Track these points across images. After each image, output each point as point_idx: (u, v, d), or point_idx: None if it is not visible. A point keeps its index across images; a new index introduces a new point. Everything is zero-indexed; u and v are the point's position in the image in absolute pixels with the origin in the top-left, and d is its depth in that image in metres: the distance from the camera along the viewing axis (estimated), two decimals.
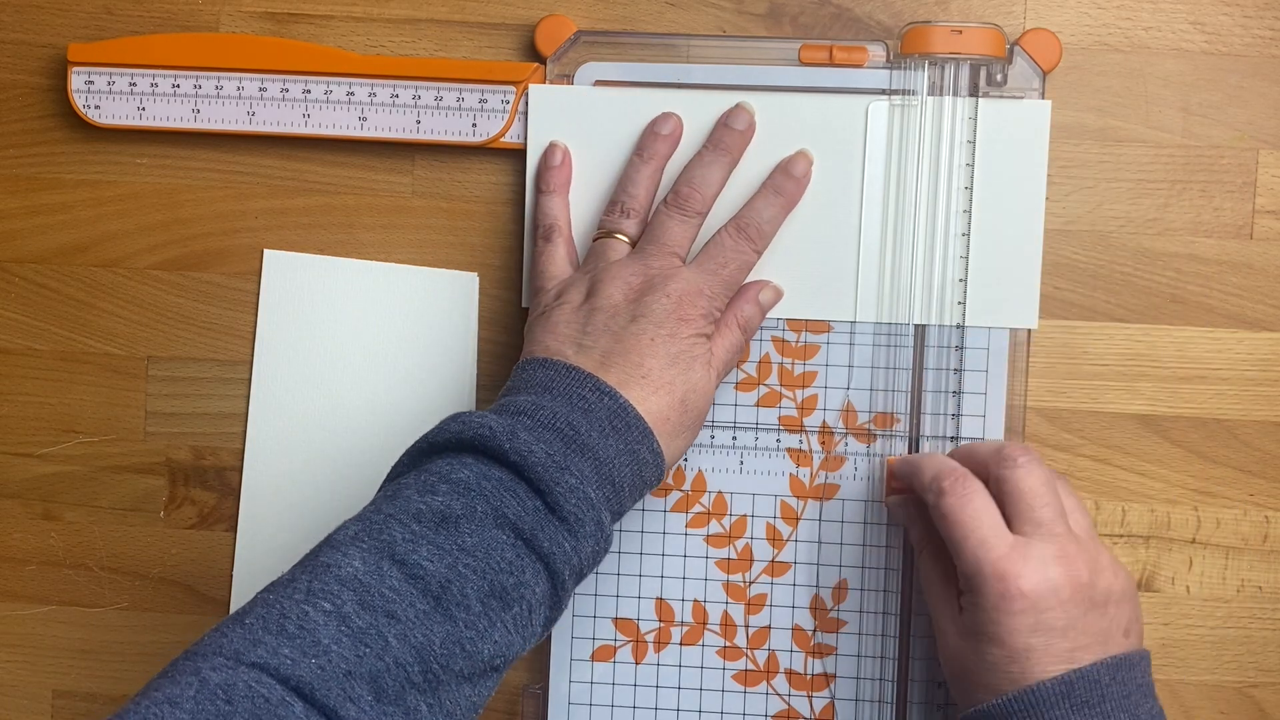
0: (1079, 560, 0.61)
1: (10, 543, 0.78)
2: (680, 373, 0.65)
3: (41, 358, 0.77)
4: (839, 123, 0.71)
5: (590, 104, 0.71)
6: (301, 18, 0.75)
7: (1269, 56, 0.71)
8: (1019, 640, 0.60)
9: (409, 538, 0.57)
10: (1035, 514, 0.62)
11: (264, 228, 0.76)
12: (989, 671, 0.61)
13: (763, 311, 0.70)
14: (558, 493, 0.59)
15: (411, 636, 0.55)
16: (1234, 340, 0.72)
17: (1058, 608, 0.60)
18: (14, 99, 0.77)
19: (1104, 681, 0.60)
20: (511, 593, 0.58)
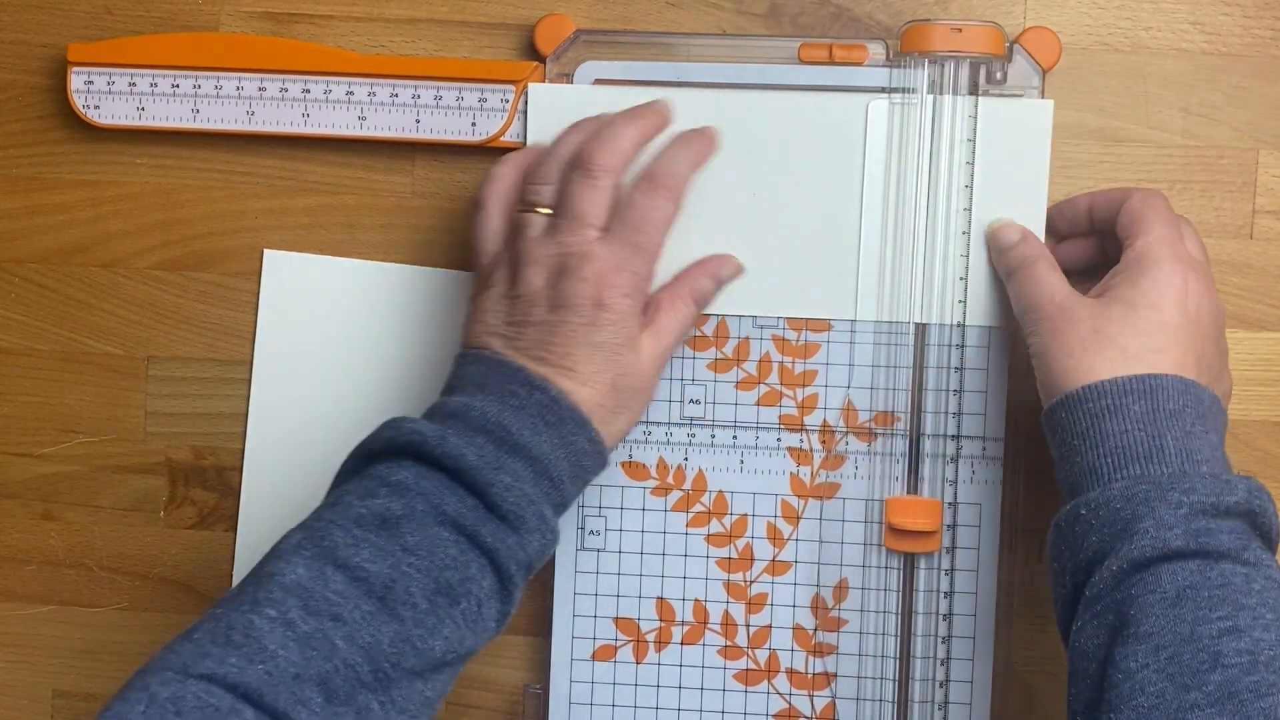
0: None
1: (10, 543, 0.78)
2: (607, 359, 0.64)
3: (41, 358, 0.77)
4: (839, 121, 0.71)
5: (590, 102, 0.71)
6: (301, 18, 0.75)
7: (1269, 56, 0.71)
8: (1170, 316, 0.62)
9: (350, 541, 0.57)
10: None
11: (264, 228, 0.76)
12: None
13: (719, 285, 0.70)
14: (494, 493, 0.59)
15: (358, 637, 0.56)
16: (1234, 340, 0.72)
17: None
18: (14, 99, 0.77)
19: (1205, 398, 0.61)
20: (458, 588, 0.58)
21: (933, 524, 0.71)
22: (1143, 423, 0.59)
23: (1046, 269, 0.66)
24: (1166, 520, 0.57)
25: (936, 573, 0.71)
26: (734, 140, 0.71)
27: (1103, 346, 0.62)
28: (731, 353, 0.73)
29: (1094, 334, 0.62)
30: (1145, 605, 0.56)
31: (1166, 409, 0.60)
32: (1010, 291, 0.67)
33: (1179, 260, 0.63)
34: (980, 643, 0.72)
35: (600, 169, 0.65)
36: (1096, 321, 0.62)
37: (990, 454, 0.71)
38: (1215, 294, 0.64)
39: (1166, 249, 0.63)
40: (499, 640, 0.74)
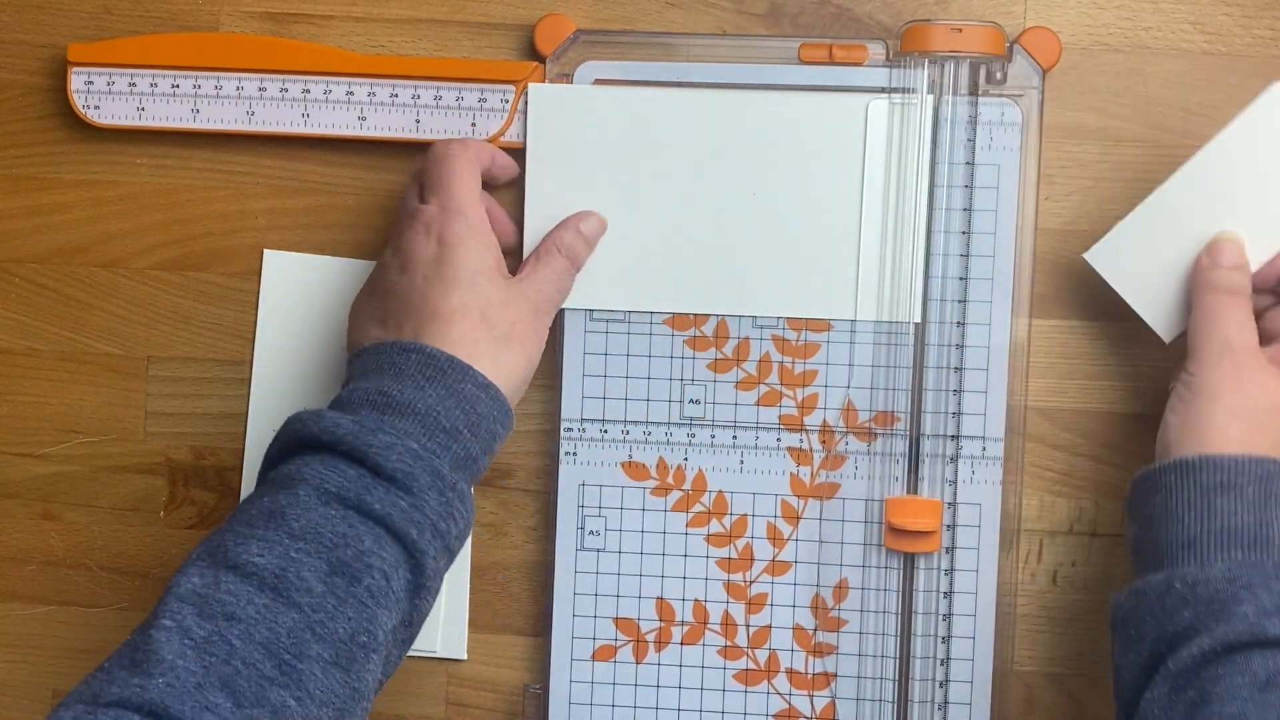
0: None
1: (10, 543, 0.78)
2: (466, 290, 0.64)
3: (41, 358, 0.77)
4: (839, 121, 0.71)
5: (590, 102, 0.71)
6: (301, 18, 0.75)
7: (1269, 56, 0.71)
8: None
9: (238, 540, 0.57)
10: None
11: (264, 228, 0.76)
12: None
13: (586, 240, 0.71)
14: (373, 455, 0.59)
15: (255, 634, 0.55)
16: None
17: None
18: (14, 99, 0.77)
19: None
20: (355, 564, 0.57)
21: (933, 524, 0.71)
22: (1254, 506, 0.59)
23: (1246, 312, 0.64)
24: (1267, 608, 0.57)
25: (936, 573, 0.71)
26: (734, 140, 0.71)
27: (1272, 426, 0.61)
28: (731, 353, 0.73)
29: (1271, 410, 0.61)
30: (1233, 687, 0.55)
31: (1278, 495, 0.59)
32: (1197, 308, 0.65)
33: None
34: (980, 643, 0.72)
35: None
36: (1276, 398, 0.62)
37: (990, 454, 0.71)
38: None
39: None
40: (499, 640, 0.75)
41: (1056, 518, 0.73)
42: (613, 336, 0.73)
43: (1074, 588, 0.73)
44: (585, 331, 0.73)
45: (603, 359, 0.73)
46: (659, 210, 0.72)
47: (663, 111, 0.71)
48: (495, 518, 0.75)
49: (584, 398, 0.73)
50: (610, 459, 0.73)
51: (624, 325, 0.73)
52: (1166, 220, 0.67)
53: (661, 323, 0.73)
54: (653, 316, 0.73)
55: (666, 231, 0.72)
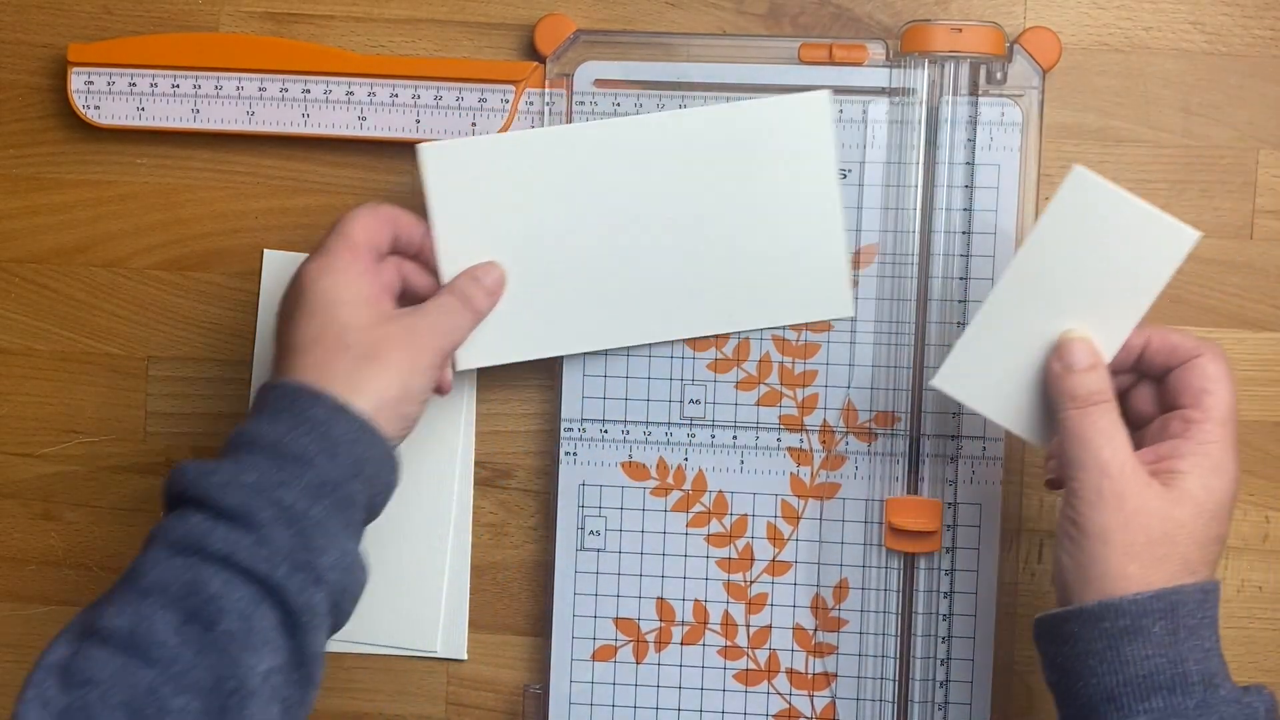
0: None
1: (10, 543, 0.78)
2: (320, 323, 0.62)
3: (41, 358, 0.77)
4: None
5: (487, 157, 0.70)
6: (301, 18, 0.75)
7: (1269, 56, 0.71)
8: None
9: (96, 607, 0.57)
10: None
11: (264, 228, 0.76)
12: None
13: (481, 285, 0.68)
14: (211, 495, 0.57)
15: (111, 696, 0.53)
16: (1234, 340, 0.72)
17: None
18: (14, 99, 0.77)
19: (1218, 601, 0.59)
20: (208, 610, 0.55)
21: (933, 524, 0.71)
22: (1164, 646, 0.56)
23: (1114, 421, 0.60)
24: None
25: (936, 573, 0.71)
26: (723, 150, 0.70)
27: (1169, 556, 0.57)
28: (731, 353, 0.73)
29: (1164, 539, 0.57)
30: None
31: (1187, 626, 0.57)
32: (1061, 425, 0.61)
33: (1235, 452, 0.60)
34: (980, 643, 0.72)
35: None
36: (1167, 524, 0.58)
37: (990, 454, 0.71)
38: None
39: (1232, 440, 0.60)
40: (499, 640, 0.75)
41: (1056, 517, 0.73)
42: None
43: None
44: None
45: (603, 359, 0.73)
46: (590, 246, 0.70)
47: (569, 147, 0.70)
48: (495, 518, 0.75)
49: (584, 398, 0.73)
50: (610, 459, 0.73)
51: None
52: (1006, 327, 0.63)
53: None
54: None
55: (602, 267, 0.70)
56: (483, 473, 0.75)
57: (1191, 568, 0.58)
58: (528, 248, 0.70)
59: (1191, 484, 0.58)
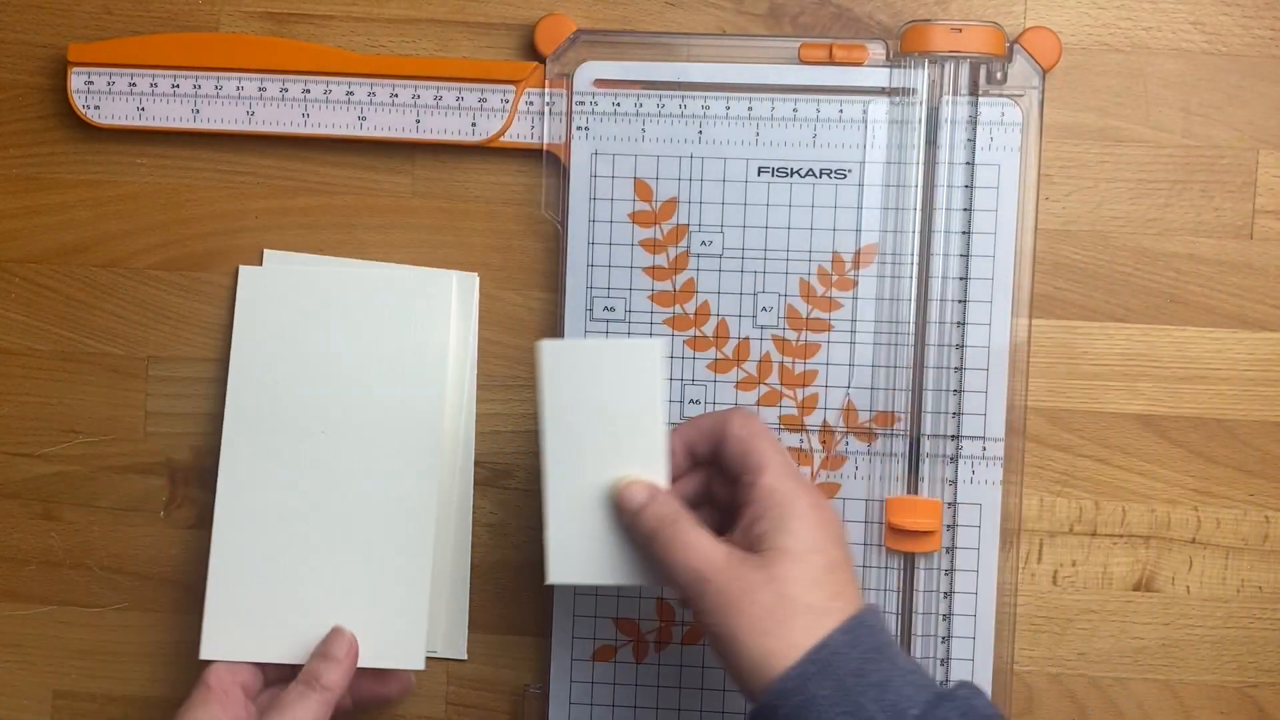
0: None
1: (10, 543, 0.78)
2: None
3: (41, 358, 0.77)
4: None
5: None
6: (301, 18, 0.75)
7: (1269, 56, 0.71)
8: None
9: None
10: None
11: (264, 228, 0.76)
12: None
13: (333, 661, 0.70)
14: None
15: None
16: (1234, 340, 0.72)
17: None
18: (14, 99, 0.77)
19: (874, 625, 0.58)
20: None
21: (933, 524, 0.71)
22: (839, 703, 0.55)
23: (691, 528, 0.60)
24: None
25: (936, 573, 0.71)
26: None
27: (792, 613, 0.57)
28: (731, 353, 0.73)
29: (777, 601, 0.57)
30: None
31: (849, 670, 0.56)
32: (655, 560, 0.61)
33: (805, 487, 0.61)
34: (980, 643, 0.72)
35: None
36: (772, 586, 0.57)
37: (990, 454, 0.71)
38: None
39: (792, 479, 0.61)
40: (499, 640, 0.75)
41: (1056, 518, 0.73)
42: (613, 337, 0.73)
43: (1074, 588, 0.73)
44: (585, 331, 0.73)
45: None
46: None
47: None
48: (495, 518, 0.75)
49: None
50: None
51: (624, 325, 0.73)
52: (573, 501, 0.64)
53: (661, 323, 0.73)
54: (652, 317, 0.73)
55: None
56: (483, 473, 0.75)
57: (823, 611, 0.57)
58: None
59: (770, 535, 0.59)
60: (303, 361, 0.73)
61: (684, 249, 0.72)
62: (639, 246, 0.73)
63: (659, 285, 0.73)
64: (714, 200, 0.72)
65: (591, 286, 0.73)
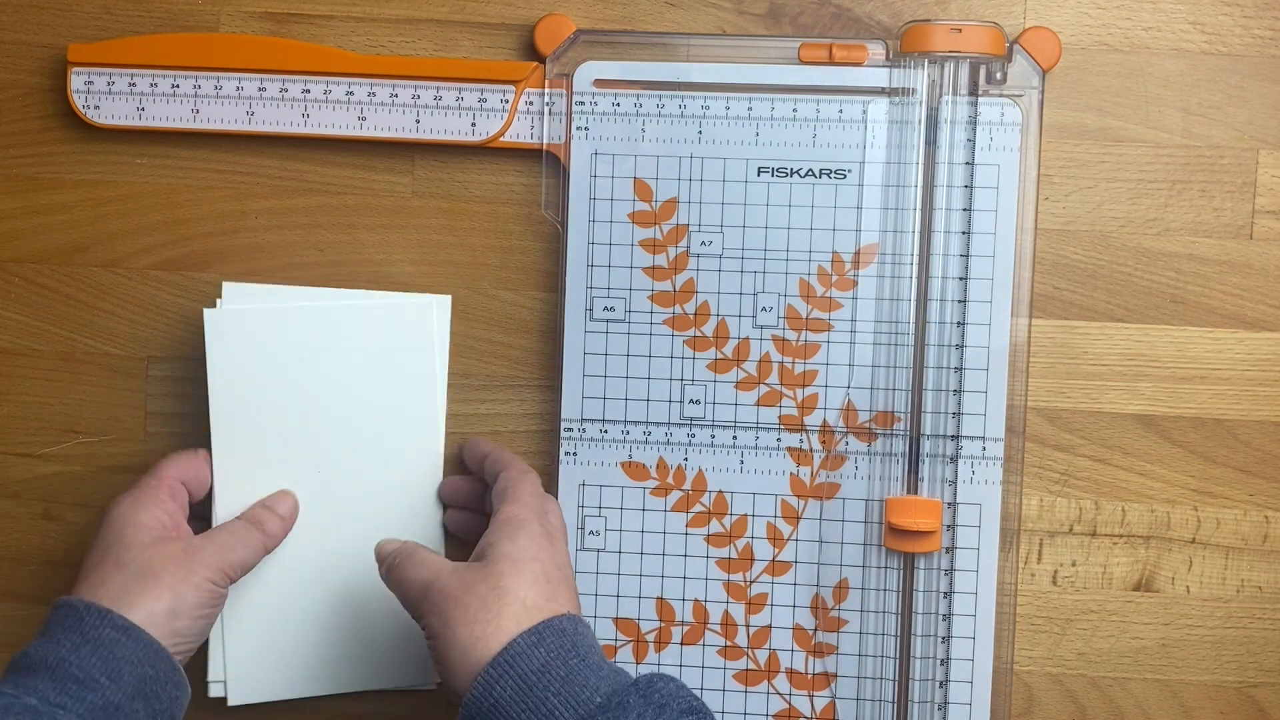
0: None
1: (10, 543, 0.78)
2: (106, 545, 0.67)
3: (41, 358, 0.77)
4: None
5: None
6: (301, 18, 0.75)
7: (1269, 56, 0.72)
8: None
9: None
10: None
11: (264, 228, 0.76)
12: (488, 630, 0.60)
13: (274, 512, 0.72)
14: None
15: None
16: (1234, 340, 0.72)
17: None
18: (14, 99, 0.77)
19: (568, 629, 0.60)
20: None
21: (933, 524, 0.71)
22: (519, 698, 0.58)
23: (424, 553, 0.65)
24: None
25: (936, 573, 0.71)
26: None
27: (506, 602, 0.61)
28: (731, 353, 0.73)
29: (493, 592, 0.61)
30: None
31: (532, 668, 0.58)
32: (396, 588, 0.65)
33: (537, 511, 0.65)
34: (980, 643, 0.72)
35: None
36: (490, 579, 0.61)
37: (990, 454, 0.71)
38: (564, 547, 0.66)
39: (533, 513, 0.65)
40: None
41: (1056, 518, 0.73)
42: (613, 336, 0.73)
43: (1074, 588, 0.73)
44: (585, 331, 0.73)
45: (603, 359, 0.73)
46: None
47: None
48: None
49: (584, 398, 0.73)
50: (610, 459, 0.73)
51: (624, 325, 0.73)
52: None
53: (661, 323, 0.73)
54: (652, 317, 0.73)
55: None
56: None
57: (534, 606, 0.61)
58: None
59: (498, 544, 0.63)
60: (286, 402, 0.73)
61: (684, 249, 0.73)
62: (639, 246, 0.73)
63: (659, 285, 0.73)
64: (714, 200, 0.72)
65: (591, 286, 0.73)
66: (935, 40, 0.70)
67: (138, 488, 0.69)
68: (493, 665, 0.58)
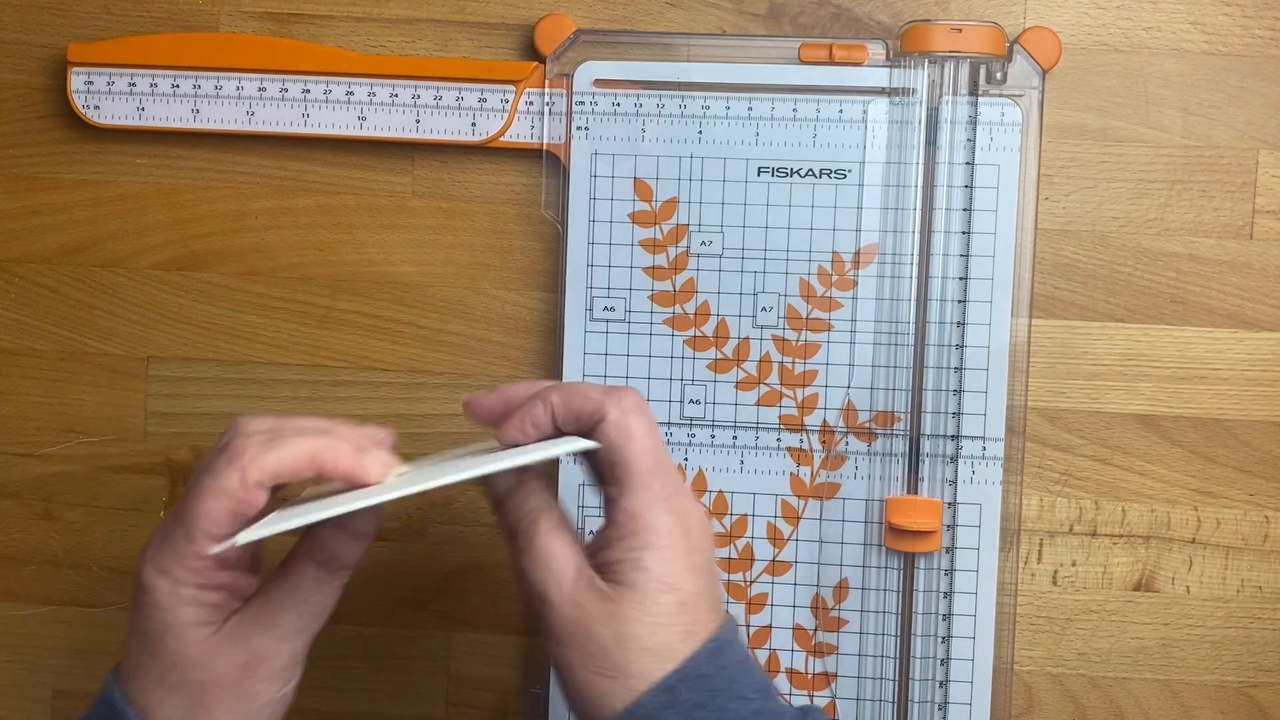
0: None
1: (10, 543, 0.78)
2: (146, 647, 0.56)
3: (41, 358, 0.77)
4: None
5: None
6: (301, 18, 0.75)
7: (1269, 56, 0.72)
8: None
9: None
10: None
11: (264, 228, 0.76)
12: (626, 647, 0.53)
13: (356, 538, 0.57)
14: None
15: None
16: (1234, 340, 0.72)
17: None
18: (14, 99, 0.77)
19: (708, 673, 0.54)
20: None
21: (933, 524, 0.71)
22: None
23: (550, 533, 0.55)
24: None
25: (936, 573, 0.71)
26: None
27: (629, 656, 0.53)
28: (731, 353, 0.73)
29: (616, 640, 0.53)
30: None
31: (681, 711, 0.52)
32: (512, 561, 0.56)
33: (675, 510, 0.55)
34: (980, 643, 0.72)
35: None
36: (613, 623, 0.53)
37: (990, 454, 0.71)
38: (698, 500, 0.56)
39: (655, 504, 0.54)
40: (499, 640, 0.75)
41: (1056, 518, 0.73)
42: (613, 337, 0.73)
43: (1074, 588, 0.73)
44: (585, 331, 0.73)
45: (603, 359, 0.73)
46: None
47: None
48: (495, 517, 0.75)
49: None
50: None
51: (624, 325, 0.73)
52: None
53: (661, 323, 0.73)
54: (652, 317, 0.73)
55: None
56: None
57: (665, 653, 0.53)
58: None
59: (623, 566, 0.54)
60: None
61: (684, 249, 0.73)
62: (639, 246, 0.73)
63: (659, 285, 0.73)
64: (714, 200, 0.72)
65: (591, 286, 0.73)
66: (935, 40, 0.70)
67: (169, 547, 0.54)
68: (644, 703, 0.52)
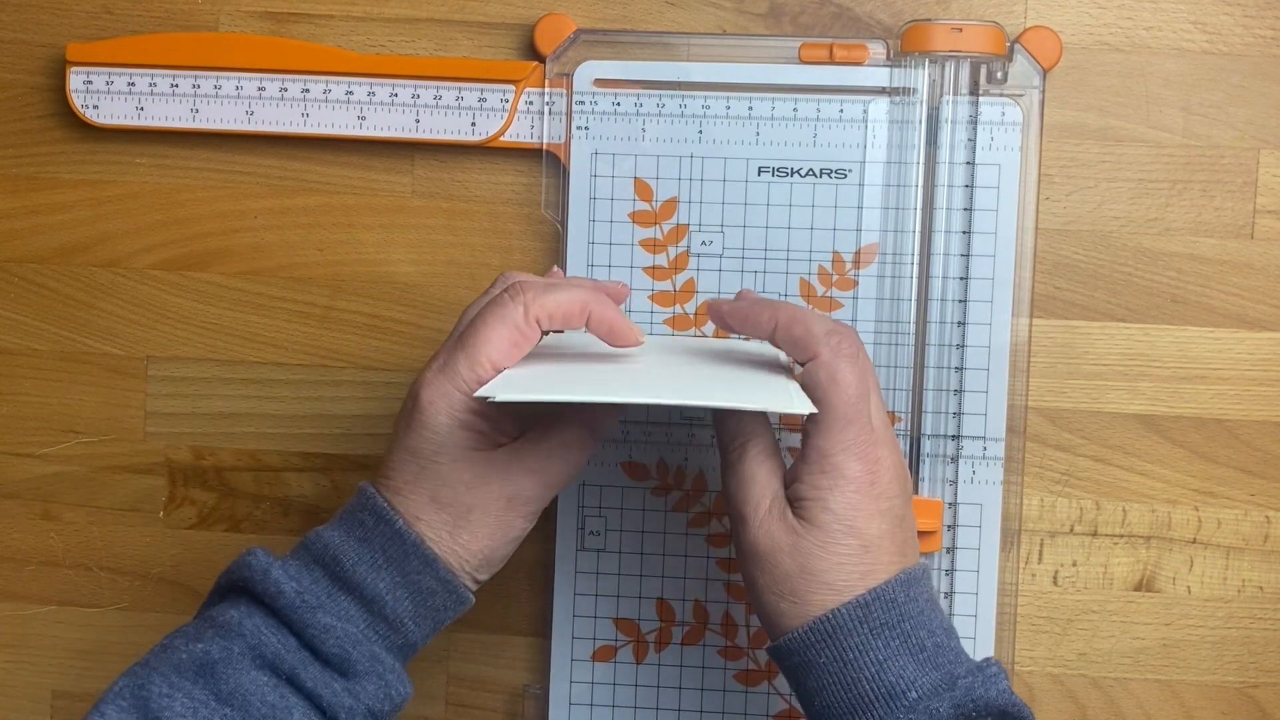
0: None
1: (10, 543, 0.78)
2: (421, 468, 0.58)
3: (41, 358, 0.77)
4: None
5: None
6: (301, 17, 0.75)
7: (1269, 56, 0.71)
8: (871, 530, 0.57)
9: (165, 691, 0.54)
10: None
11: (264, 228, 0.76)
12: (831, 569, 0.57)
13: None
14: (310, 634, 0.56)
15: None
16: (1234, 340, 0.72)
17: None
18: (13, 99, 0.76)
19: (900, 599, 0.57)
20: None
21: (933, 524, 0.71)
22: (834, 674, 0.56)
23: (757, 458, 0.59)
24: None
25: (937, 573, 0.71)
26: None
27: (810, 587, 0.57)
28: None
29: (799, 571, 0.57)
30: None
31: (855, 645, 0.56)
32: (721, 473, 0.61)
33: (866, 457, 0.58)
34: (981, 643, 0.71)
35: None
36: (797, 555, 0.57)
37: (991, 454, 0.71)
38: (897, 449, 0.59)
39: (852, 447, 0.58)
40: (499, 640, 0.75)
41: (1056, 518, 0.73)
42: None
43: (1074, 588, 0.73)
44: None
45: None
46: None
47: None
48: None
49: None
50: (610, 459, 0.73)
51: None
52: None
53: (662, 323, 0.73)
54: (652, 317, 0.73)
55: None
56: None
57: (843, 588, 0.57)
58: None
59: (813, 511, 0.57)
60: None
61: (684, 249, 0.72)
62: (639, 246, 0.73)
63: (659, 285, 0.73)
64: (714, 200, 0.72)
65: None
66: (936, 40, 0.70)
67: (450, 369, 0.58)
68: (812, 630, 0.56)
